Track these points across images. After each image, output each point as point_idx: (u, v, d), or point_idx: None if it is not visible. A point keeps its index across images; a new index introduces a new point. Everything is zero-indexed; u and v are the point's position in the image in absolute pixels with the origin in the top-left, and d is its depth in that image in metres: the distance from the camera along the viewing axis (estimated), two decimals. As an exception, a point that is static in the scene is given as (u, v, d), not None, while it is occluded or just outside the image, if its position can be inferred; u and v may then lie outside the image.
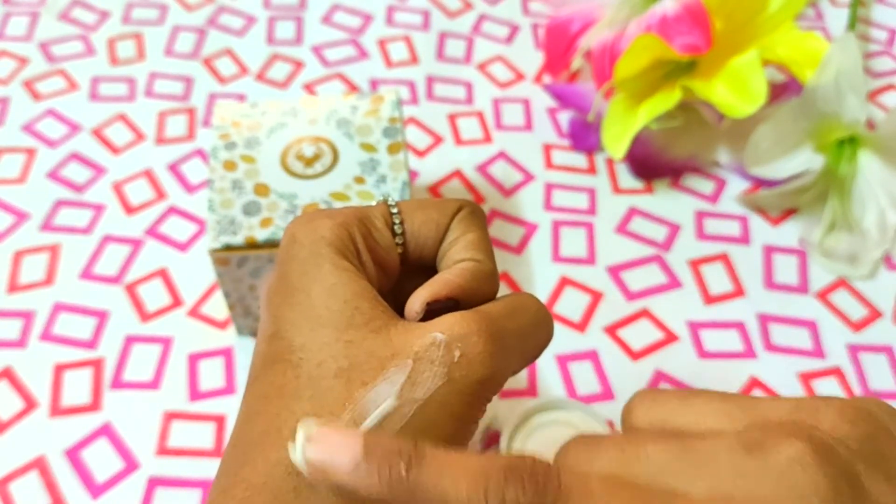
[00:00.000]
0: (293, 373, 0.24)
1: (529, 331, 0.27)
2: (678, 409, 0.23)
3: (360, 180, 0.45)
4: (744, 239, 0.56)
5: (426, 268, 0.29)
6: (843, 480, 0.19)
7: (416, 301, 0.26)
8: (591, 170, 0.60)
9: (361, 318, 0.25)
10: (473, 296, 0.27)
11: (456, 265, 0.28)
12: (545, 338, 0.28)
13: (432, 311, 0.26)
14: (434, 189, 0.58)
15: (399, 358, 0.24)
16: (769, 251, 0.55)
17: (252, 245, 0.43)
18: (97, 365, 0.49)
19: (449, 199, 0.29)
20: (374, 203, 0.29)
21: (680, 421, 0.22)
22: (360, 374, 0.24)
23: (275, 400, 0.24)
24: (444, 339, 0.24)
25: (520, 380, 0.49)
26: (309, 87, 0.64)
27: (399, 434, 0.23)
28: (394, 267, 0.28)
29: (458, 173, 0.59)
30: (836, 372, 0.50)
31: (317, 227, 0.27)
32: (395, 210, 0.29)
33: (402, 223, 0.28)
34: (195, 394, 0.48)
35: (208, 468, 0.45)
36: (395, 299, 0.28)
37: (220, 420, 0.47)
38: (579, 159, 0.60)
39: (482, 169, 0.59)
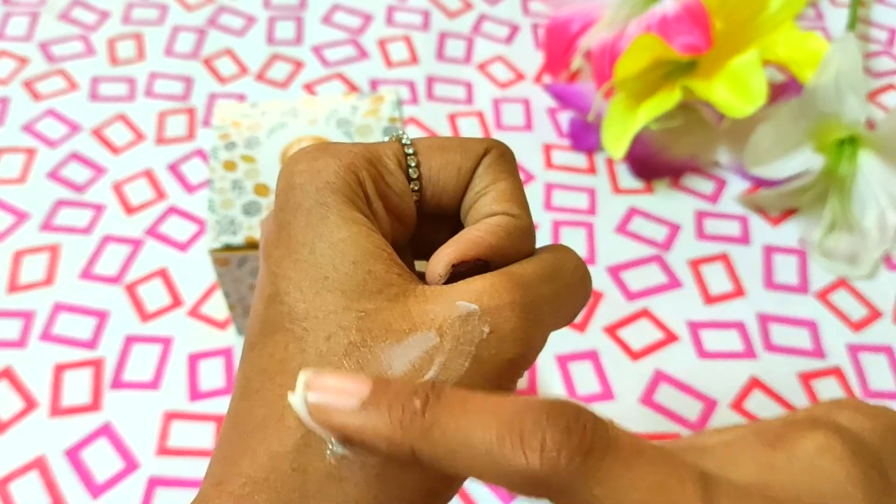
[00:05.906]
0: (297, 346, 0.21)
1: (567, 295, 0.23)
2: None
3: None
4: (744, 239, 0.56)
5: (444, 217, 0.25)
6: (873, 469, 0.18)
7: (440, 262, 0.22)
8: (591, 170, 0.60)
9: (375, 284, 0.21)
10: (506, 257, 0.23)
11: (487, 220, 0.24)
12: (583, 299, 0.24)
13: (458, 272, 0.22)
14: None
15: (419, 333, 0.21)
16: (769, 251, 0.55)
17: (252, 245, 0.43)
18: (97, 365, 0.49)
19: (473, 138, 0.25)
20: (385, 140, 0.25)
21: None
22: None
23: (276, 377, 0.21)
24: (476, 310, 0.21)
25: (520, 380, 0.49)
26: (309, 87, 0.64)
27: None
28: (410, 216, 0.25)
29: (458, 173, 0.59)
30: (836, 372, 0.50)
31: (320, 169, 0.23)
32: (410, 150, 0.24)
33: (417, 166, 0.24)
34: (195, 394, 0.48)
35: (208, 468, 0.45)
36: (409, 252, 0.25)
37: (220, 420, 0.47)
38: (579, 159, 0.60)
39: (482, 169, 0.59)
